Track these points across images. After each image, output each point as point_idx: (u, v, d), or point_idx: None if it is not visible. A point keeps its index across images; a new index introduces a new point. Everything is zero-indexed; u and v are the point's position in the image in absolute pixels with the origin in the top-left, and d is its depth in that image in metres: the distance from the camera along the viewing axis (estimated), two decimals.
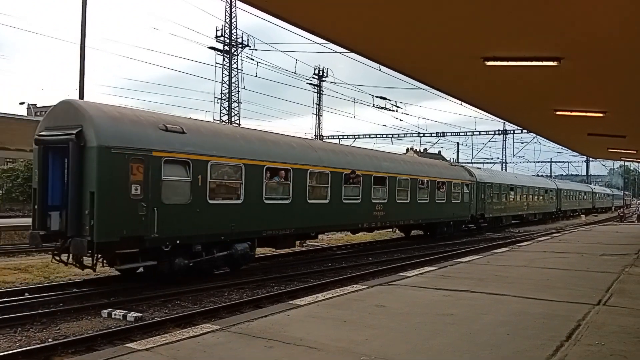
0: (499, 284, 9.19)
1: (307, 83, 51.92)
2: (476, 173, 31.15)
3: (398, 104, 46.44)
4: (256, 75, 42.86)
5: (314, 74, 52.18)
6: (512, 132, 54.72)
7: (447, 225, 26.25)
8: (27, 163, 46.71)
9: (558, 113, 12.76)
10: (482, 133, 55.90)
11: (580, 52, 7.62)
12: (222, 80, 46.53)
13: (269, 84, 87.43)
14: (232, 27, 45.75)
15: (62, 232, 11.06)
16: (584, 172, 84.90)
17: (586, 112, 12.51)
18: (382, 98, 44.85)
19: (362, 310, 6.99)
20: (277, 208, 14.82)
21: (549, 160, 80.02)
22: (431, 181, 24.09)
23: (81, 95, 16.48)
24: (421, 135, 55.74)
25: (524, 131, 44.50)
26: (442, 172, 25.95)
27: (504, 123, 47.34)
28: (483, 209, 30.91)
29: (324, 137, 53.63)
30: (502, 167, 65.47)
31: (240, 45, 45.89)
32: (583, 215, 55.39)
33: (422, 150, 62.94)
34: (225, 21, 45.71)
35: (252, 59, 42.21)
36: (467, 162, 53.15)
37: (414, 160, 25.78)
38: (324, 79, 52.83)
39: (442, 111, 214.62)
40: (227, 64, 46.40)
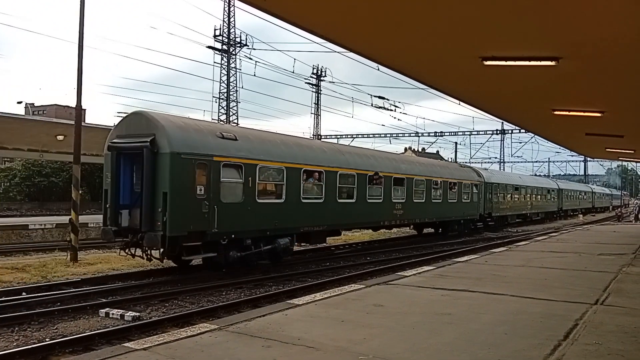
0: (497, 284, 9.20)
1: (306, 82, 52.08)
2: (484, 174, 32.06)
3: (396, 104, 46.55)
4: (254, 75, 43.31)
5: (313, 74, 52.30)
6: (510, 131, 54.84)
7: (457, 224, 27.54)
8: (25, 162, 46.60)
9: (556, 113, 12.77)
10: (480, 133, 56.01)
11: (578, 52, 7.62)
12: (221, 79, 46.62)
13: (267, 84, 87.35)
14: (231, 27, 45.81)
15: (132, 228, 12.53)
16: (582, 172, 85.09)
17: (584, 111, 12.53)
18: (380, 97, 44.93)
19: (360, 310, 6.99)
20: (312, 206, 16.32)
21: (546, 160, 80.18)
22: (444, 182, 25.21)
23: (79, 95, 16.41)
24: (419, 134, 55.81)
25: (522, 131, 44.59)
26: (453, 174, 27.11)
27: (502, 123, 47.46)
28: (490, 208, 31.89)
29: (323, 137, 53.61)
30: (500, 167, 65.49)
31: (238, 45, 46.00)
32: (581, 215, 55.53)
33: (420, 150, 62.93)
34: (223, 20, 45.80)
35: (250, 59, 42.36)
36: (466, 162, 53.19)
37: (428, 162, 26.85)
38: (322, 78, 52.95)
39: (441, 111, 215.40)
40: (226, 64, 46.45)
